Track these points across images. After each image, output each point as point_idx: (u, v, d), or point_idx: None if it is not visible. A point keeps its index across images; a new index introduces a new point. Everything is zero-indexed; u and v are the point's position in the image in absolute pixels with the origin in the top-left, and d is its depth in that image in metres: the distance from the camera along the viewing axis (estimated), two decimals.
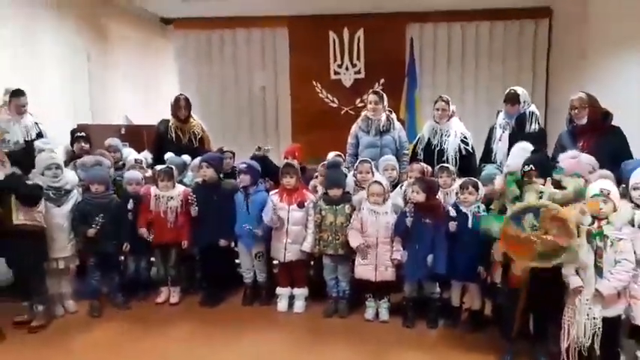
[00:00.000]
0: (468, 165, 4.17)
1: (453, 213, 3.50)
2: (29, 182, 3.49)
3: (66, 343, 3.42)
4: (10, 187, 3.38)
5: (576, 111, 3.76)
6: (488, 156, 4.22)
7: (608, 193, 2.91)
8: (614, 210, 2.89)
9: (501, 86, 6.17)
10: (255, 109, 7.67)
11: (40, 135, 4.14)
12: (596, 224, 2.88)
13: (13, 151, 3.91)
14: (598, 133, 3.73)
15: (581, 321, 2.86)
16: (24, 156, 3.87)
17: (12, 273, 3.88)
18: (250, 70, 7.56)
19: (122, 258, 4.17)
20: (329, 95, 7.56)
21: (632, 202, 2.97)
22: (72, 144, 4.52)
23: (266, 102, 7.68)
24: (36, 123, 4.18)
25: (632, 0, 4.89)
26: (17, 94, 4.04)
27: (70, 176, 3.82)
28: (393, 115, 4.65)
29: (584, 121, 3.76)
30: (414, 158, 4.46)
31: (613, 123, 3.81)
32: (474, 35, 7.27)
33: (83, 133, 4.56)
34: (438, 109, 4.36)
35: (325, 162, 4.24)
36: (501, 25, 7.22)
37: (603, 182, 3.02)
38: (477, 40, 7.28)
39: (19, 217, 3.40)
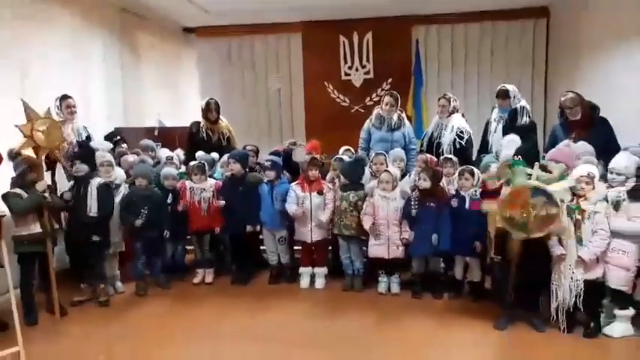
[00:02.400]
0: (462, 156, 4.60)
1: (452, 192, 4.01)
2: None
3: (121, 316, 3.96)
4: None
5: (572, 110, 4.16)
6: (485, 147, 4.70)
7: (593, 177, 3.38)
8: (593, 188, 3.37)
9: (504, 82, 6.56)
10: (271, 110, 8.18)
11: (88, 137, 4.67)
12: (574, 200, 3.35)
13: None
14: (589, 125, 4.16)
15: (566, 284, 3.35)
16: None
17: (69, 259, 4.45)
18: (267, 73, 8.08)
19: None
20: (340, 95, 8.02)
21: (607, 182, 3.44)
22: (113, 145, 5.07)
23: (282, 102, 8.18)
24: (85, 127, 4.72)
25: None
26: (65, 97, 4.54)
27: (118, 172, 4.38)
28: (404, 114, 5.14)
29: (579, 117, 4.17)
30: (420, 151, 4.94)
31: (601, 114, 4.25)
32: (477, 35, 7.66)
33: (119, 137, 5.12)
34: (440, 106, 4.84)
35: (339, 156, 4.74)
36: (502, 25, 7.60)
37: (589, 167, 3.49)
38: (479, 40, 7.67)
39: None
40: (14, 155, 3.76)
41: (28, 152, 3.56)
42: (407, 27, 7.67)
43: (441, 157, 4.51)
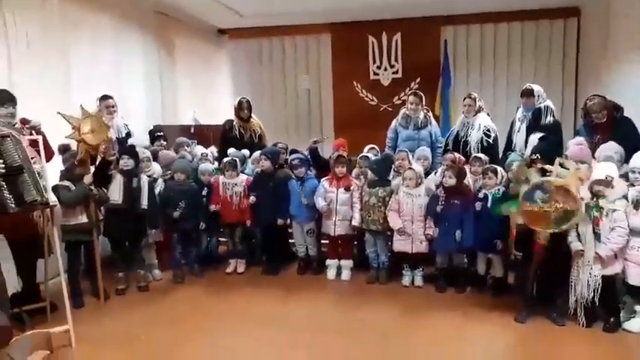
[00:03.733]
0: (489, 154, 4.68)
1: (481, 195, 4.10)
2: None
3: (159, 301, 4.23)
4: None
5: (598, 114, 4.20)
6: (510, 146, 4.78)
7: (611, 180, 3.45)
8: (612, 187, 3.44)
9: (532, 83, 6.61)
10: (301, 109, 8.43)
11: (128, 134, 4.96)
12: (594, 199, 3.42)
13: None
14: (612, 126, 4.21)
15: (584, 279, 3.43)
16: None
17: (110, 248, 4.74)
18: (296, 73, 8.31)
19: None
20: (368, 94, 8.19)
21: (628, 181, 3.50)
22: (152, 142, 5.36)
23: (311, 102, 8.41)
24: (125, 124, 5.01)
25: None
26: (105, 97, 4.78)
27: (156, 167, 4.66)
28: (430, 113, 5.26)
29: (605, 119, 4.21)
30: (445, 149, 5.05)
31: (626, 115, 4.30)
32: (506, 35, 7.72)
33: (161, 133, 5.40)
34: (465, 105, 4.94)
35: (364, 154, 4.91)
36: (532, 25, 7.63)
37: (608, 168, 3.54)
38: (508, 40, 7.73)
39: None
40: (63, 150, 4.07)
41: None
42: (435, 27, 7.79)
43: (471, 156, 4.59)
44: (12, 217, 2.88)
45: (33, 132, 3.60)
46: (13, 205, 2.53)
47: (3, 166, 2.46)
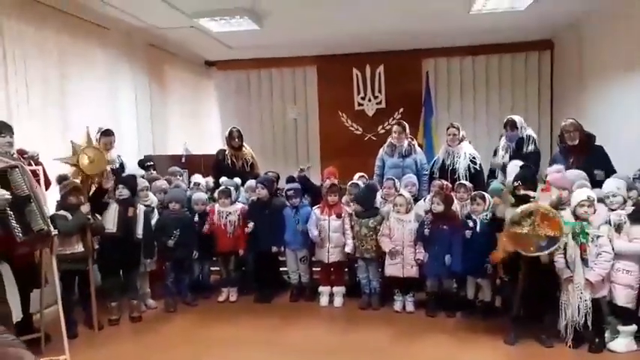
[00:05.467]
0: (477, 181, 4.90)
1: (471, 224, 4.24)
2: None
3: (152, 330, 4.24)
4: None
5: (570, 134, 4.48)
6: (492, 173, 5.00)
7: (593, 200, 3.65)
8: (594, 212, 3.64)
9: (511, 112, 6.93)
10: (288, 138, 8.59)
11: (122, 165, 5.00)
12: (578, 226, 3.60)
13: None
14: (585, 152, 4.46)
15: (575, 303, 3.57)
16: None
17: (101, 278, 4.73)
18: (283, 103, 8.51)
19: None
20: (353, 124, 8.40)
21: (607, 206, 3.71)
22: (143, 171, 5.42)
23: (297, 131, 8.60)
24: (118, 155, 5.07)
25: (622, 29, 5.55)
26: (106, 133, 4.73)
27: (153, 198, 4.72)
28: (414, 142, 5.47)
29: (577, 141, 4.47)
30: (431, 177, 5.23)
31: (601, 144, 4.55)
32: (484, 67, 8.07)
33: (152, 162, 5.47)
34: (449, 135, 5.15)
35: (354, 181, 5.05)
36: (508, 57, 8.00)
37: (586, 190, 3.76)
38: (486, 71, 8.08)
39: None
40: (60, 180, 4.11)
41: (76, 178, 3.88)
42: (417, 60, 8.10)
43: (456, 183, 4.77)
44: (14, 246, 2.91)
45: (31, 162, 3.65)
46: (20, 235, 2.58)
47: (11, 196, 2.51)
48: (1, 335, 1.62)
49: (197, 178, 5.39)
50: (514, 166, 4.25)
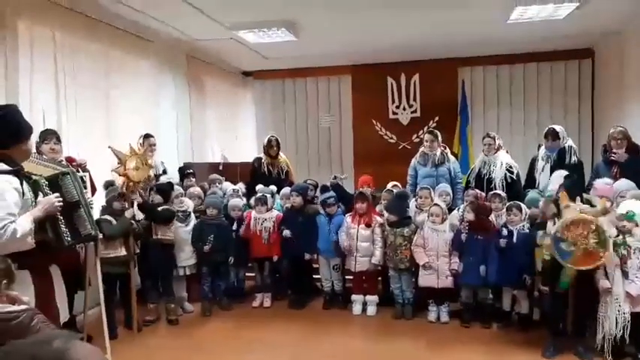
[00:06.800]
0: (513, 190, 4.82)
1: (504, 232, 4.20)
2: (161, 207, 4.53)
3: (189, 332, 4.36)
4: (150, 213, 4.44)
5: (618, 142, 4.39)
6: (530, 183, 4.91)
7: (633, 215, 3.55)
8: (637, 225, 3.53)
9: (549, 121, 6.83)
10: (322, 146, 8.68)
11: (164, 172, 5.20)
12: (620, 237, 3.52)
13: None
14: (630, 162, 4.34)
15: (612, 316, 3.47)
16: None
17: (139, 280, 4.89)
18: (318, 112, 8.62)
19: None
20: (387, 132, 8.40)
21: None
22: (181, 179, 5.59)
23: (331, 139, 8.68)
24: (162, 162, 5.26)
25: None
26: (148, 136, 5.07)
27: (188, 202, 4.86)
28: (447, 150, 5.43)
29: (623, 150, 4.37)
30: (467, 186, 5.19)
31: None
32: (522, 76, 7.95)
33: (191, 170, 5.64)
34: (485, 144, 5.11)
35: (388, 188, 5.06)
36: (547, 66, 7.85)
37: (630, 203, 3.66)
38: (524, 80, 7.95)
39: (157, 234, 4.44)
40: (107, 186, 4.30)
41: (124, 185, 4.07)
42: (453, 68, 8.04)
43: (490, 193, 4.72)
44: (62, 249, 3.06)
45: (79, 169, 3.83)
46: (68, 239, 2.71)
47: (62, 202, 2.65)
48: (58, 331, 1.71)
49: (227, 185, 5.51)
50: (558, 177, 4.16)
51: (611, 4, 5.23)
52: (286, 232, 4.81)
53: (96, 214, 4.14)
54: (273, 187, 5.41)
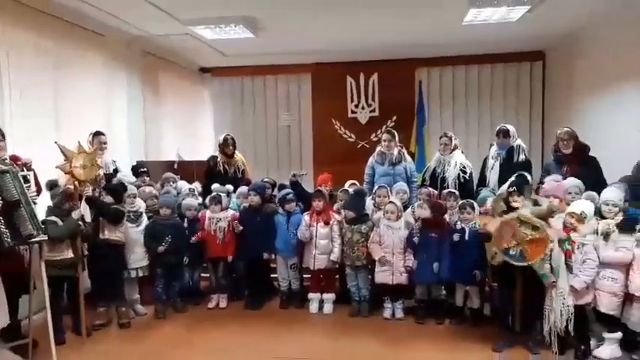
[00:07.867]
0: (466, 189, 4.94)
1: (458, 226, 4.29)
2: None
3: (141, 336, 4.23)
4: (98, 209, 4.29)
5: (565, 142, 4.55)
6: (483, 182, 5.04)
7: (585, 217, 3.67)
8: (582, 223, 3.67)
9: (502, 121, 6.97)
10: (281, 145, 8.64)
11: (115, 171, 5.02)
12: (564, 233, 3.65)
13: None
14: (579, 162, 4.52)
15: (557, 308, 3.60)
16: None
17: (90, 283, 4.73)
18: (277, 110, 8.57)
19: None
20: (347, 131, 8.45)
21: (601, 215, 3.74)
22: (135, 177, 5.42)
23: (291, 138, 8.64)
24: (113, 160, 5.09)
25: (612, 41, 5.64)
26: (98, 133, 4.87)
27: (140, 202, 4.73)
28: (404, 150, 5.49)
29: (570, 150, 4.54)
30: (422, 184, 5.27)
31: (591, 153, 4.61)
32: (476, 77, 8.14)
33: (145, 169, 5.48)
34: (442, 144, 5.21)
35: (344, 188, 5.08)
36: (500, 67, 8.09)
37: (584, 205, 3.76)
38: (478, 81, 8.15)
39: (104, 234, 4.29)
40: (51, 186, 4.11)
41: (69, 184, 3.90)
42: (411, 69, 8.17)
43: (445, 191, 4.82)
44: (3, 251, 2.92)
45: (24, 168, 3.66)
46: (9, 240, 2.58)
47: (1, 201, 2.52)
48: None
49: (183, 184, 5.39)
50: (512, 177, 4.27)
51: (561, 8, 5.42)
52: (238, 227, 4.75)
53: (42, 214, 3.98)
54: (230, 187, 5.34)
